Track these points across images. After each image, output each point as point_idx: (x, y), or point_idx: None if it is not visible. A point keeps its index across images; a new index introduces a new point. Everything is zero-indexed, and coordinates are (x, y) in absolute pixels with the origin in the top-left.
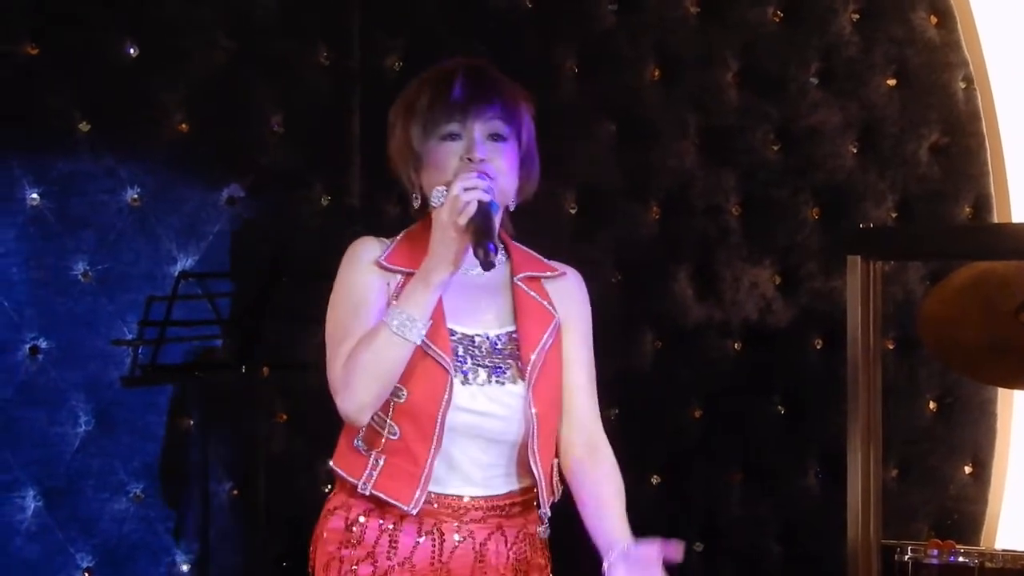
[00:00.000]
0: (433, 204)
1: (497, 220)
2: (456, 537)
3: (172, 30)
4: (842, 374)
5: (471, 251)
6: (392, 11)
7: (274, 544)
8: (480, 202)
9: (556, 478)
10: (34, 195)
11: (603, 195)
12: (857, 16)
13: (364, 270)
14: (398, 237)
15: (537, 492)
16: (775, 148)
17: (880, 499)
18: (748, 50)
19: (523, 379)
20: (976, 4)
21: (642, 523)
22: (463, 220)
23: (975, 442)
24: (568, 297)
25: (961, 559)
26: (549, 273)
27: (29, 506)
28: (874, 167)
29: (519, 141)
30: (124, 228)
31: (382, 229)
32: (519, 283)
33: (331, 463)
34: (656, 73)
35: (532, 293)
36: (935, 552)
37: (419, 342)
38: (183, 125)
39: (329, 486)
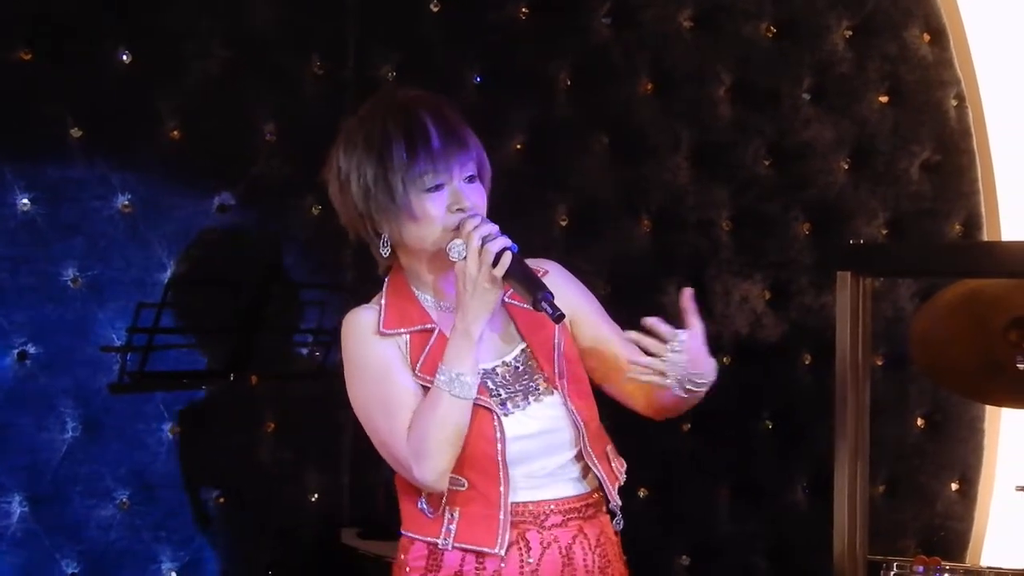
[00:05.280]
0: (453, 258)
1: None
2: (541, 543)
3: (166, 37)
4: (831, 390)
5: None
6: (387, 22)
7: (261, 553)
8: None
9: (615, 462)
10: (25, 200)
11: (595, 208)
12: (850, 32)
13: (372, 341)
14: (382, 299)
15: (603, 488)
16: (767, 163)
17: (867, 515)
18: (741, 65)
19: (555, 387)
20: (969, 22)
21: (630, 536)
22: (500, 271)
23: (963, 459)
24: (558, 292)
25: None
26: None
27: (15, 512)
28: (866, 183)
29: (483, 176)
30: (115, 235)
31: None
32: (509, 301)
33: (403, 531)
34: (649, 87)
35: (524, 305)
36: (921, 569)
37: (474, 396)
38: (176, 133)
39: (316, 495)
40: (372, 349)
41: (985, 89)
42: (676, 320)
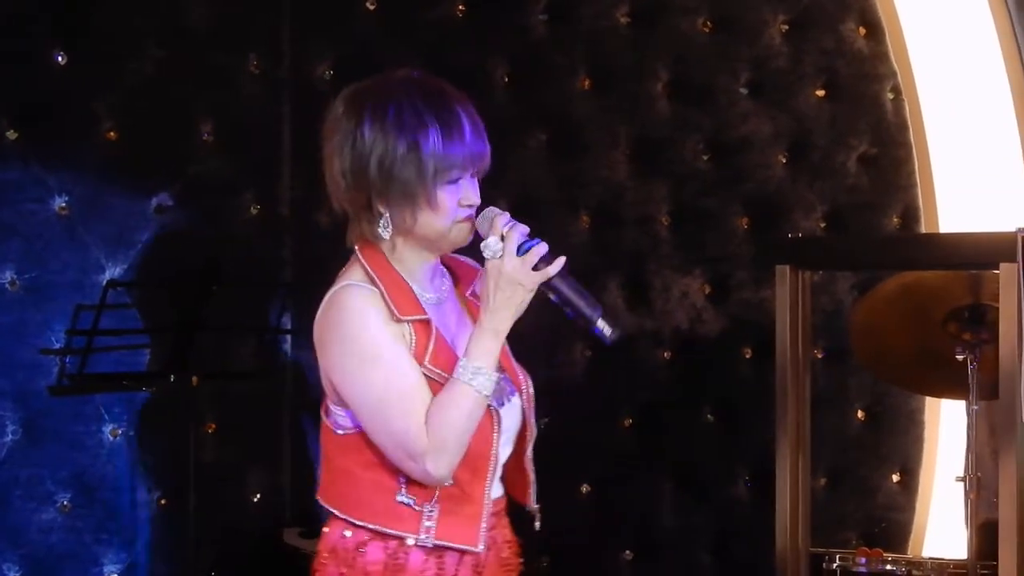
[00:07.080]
0: (487, 256)
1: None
2: (486, 544)
3: (102, 38)
4: (772, 383)
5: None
6: (323, 20)
7: (204, 554)
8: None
9: None
10: None
11: (534, 204)
12: (787, 27)
13: (382, 325)
14: (378, 282)
15: (529, 487)
16: (705, 158)
17: (808, 507)
18: (679, 61)
19: (519, 389)
20: (904, 16)
21: (572, 531)
22: (554, 269)
23: (903, 451)
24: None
25: (889, 567)
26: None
27: None
28: (803, 177)
29: (482, 173)
30: (52, 237)
31: (311, 239)
32: (469, 296)
33: (364, 522)
34: (587, 83)
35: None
36: (863, 560)
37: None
38: (112, 133)
39: (258, 495)
40: (387, 336)
41: (921, 82)
42: (614, 314)
